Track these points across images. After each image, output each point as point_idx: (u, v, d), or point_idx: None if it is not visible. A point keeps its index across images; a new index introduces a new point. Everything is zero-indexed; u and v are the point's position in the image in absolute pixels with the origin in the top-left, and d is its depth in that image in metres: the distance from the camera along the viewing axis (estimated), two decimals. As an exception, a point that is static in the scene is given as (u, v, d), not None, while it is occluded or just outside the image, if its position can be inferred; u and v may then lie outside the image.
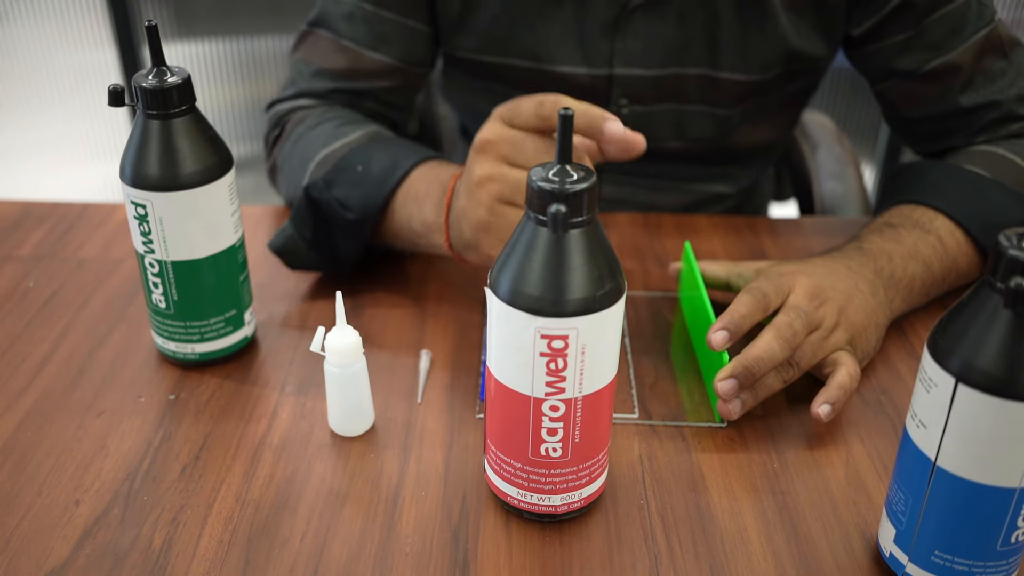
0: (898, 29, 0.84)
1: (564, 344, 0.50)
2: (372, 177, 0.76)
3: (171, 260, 0.67)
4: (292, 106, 0.92)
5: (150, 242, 0.66)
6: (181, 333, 0.70)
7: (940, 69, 0.84)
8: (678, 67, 0.89)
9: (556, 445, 0.54)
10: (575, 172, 0.49)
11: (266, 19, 2.17)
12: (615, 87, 0.91)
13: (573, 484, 0.56)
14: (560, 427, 0.53)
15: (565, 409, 0.53)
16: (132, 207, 0.65)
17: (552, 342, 0.50)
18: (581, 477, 0.56)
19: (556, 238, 0.49)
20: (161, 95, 0.63)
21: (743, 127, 0.95)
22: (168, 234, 0.66)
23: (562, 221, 0.48)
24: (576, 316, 0.49)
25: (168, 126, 0.64)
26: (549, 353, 0.51)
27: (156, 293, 0.68)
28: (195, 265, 0.67)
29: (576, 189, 0.48)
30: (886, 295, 0.73)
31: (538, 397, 0.52)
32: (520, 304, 0.50)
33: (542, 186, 0.49)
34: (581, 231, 0.49)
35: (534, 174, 0.49)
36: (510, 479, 0.56)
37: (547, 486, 0.56)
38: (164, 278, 0.67)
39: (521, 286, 0.50)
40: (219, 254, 0.68)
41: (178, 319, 0.69)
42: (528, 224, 0.50)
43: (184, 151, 0.64)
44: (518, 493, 0.57)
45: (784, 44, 0.87)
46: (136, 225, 0.66)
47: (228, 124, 2.30)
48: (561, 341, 0.50)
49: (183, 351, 0.70)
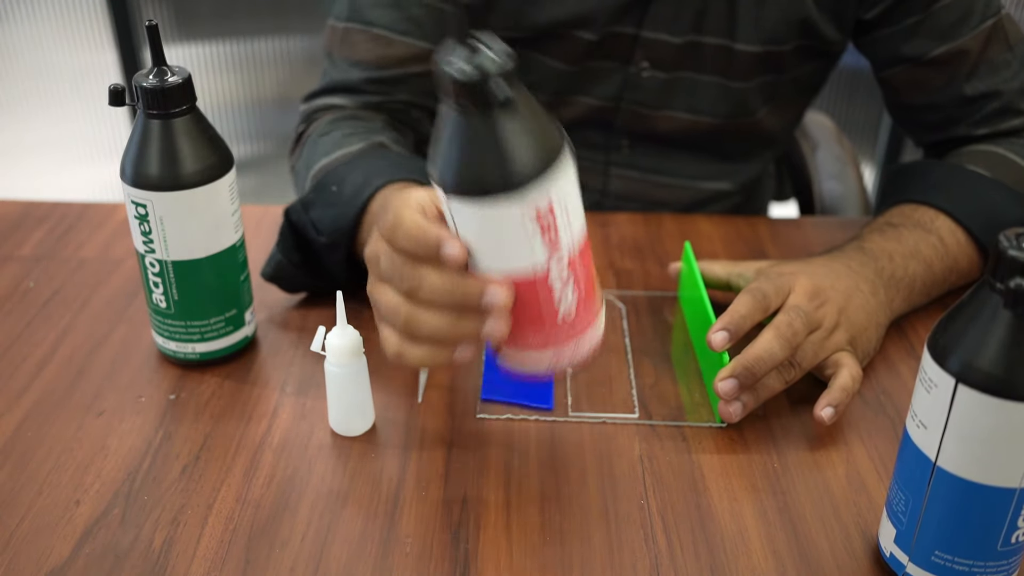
0: (907, 14, 0.85)
1: (549, 208, 0.49)
2: (343, 199, 0.74)
3: (171, 260, 0.66)
4: (322, 104, 0.91)
5: (150, 242, 0.66)
6: (181, 333, 0.70)
7: (946, 56, 0.84)
8: (696, 35, 0.89)
9: (570, 304, 0.52)
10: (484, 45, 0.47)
11: (266, 20, 2.17)
12: (638, 49, 0.90)
13: (589, 323, 0.54)
14: (570, 285, 0.52)
15: (569, 269, 0.51)
16: (132, 207, 0.65)
17: (540, 214, 0.48)
18: (594, 314, 0.55)
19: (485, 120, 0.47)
20: (162, 95, 0.63)
21: (753, 109, 0.95)
22: (168, 234, 0.65)
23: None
24: (546, 179, 0.48)
25: (169, 126, 0.64)
26: (542, 225, 0.49)
27: (156, 293, 0.68)
28: (195, 265, 0.67)
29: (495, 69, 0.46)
30: (887, 295, 0.73)
31: (544, 272, 0.51)
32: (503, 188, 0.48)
33: (452, 74, 0.46)
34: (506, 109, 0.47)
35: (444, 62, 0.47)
36: (531, 348, 0.54)
37: (571, 336, 0.54)
38: (164, 278, 0.67)
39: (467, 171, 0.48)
40: (219, 254, 0.68)
41: (178, 319, 0.69)
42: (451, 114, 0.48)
43: (184, 151, 0.64)
44: (546, 360, 0.54)
45: (800, 13, 0.87)
46: (136, 225, 0.66)
47: (228, 124, 2.30)
48: (547, 207, 0.48)
49: (183, 351, 0.70)
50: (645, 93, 0.93)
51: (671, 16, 0.87)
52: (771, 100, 0.95)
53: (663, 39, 0.89)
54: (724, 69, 0.91)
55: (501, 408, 0.68)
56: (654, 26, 0.88)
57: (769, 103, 0.95)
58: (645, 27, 0.88)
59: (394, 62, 0.89)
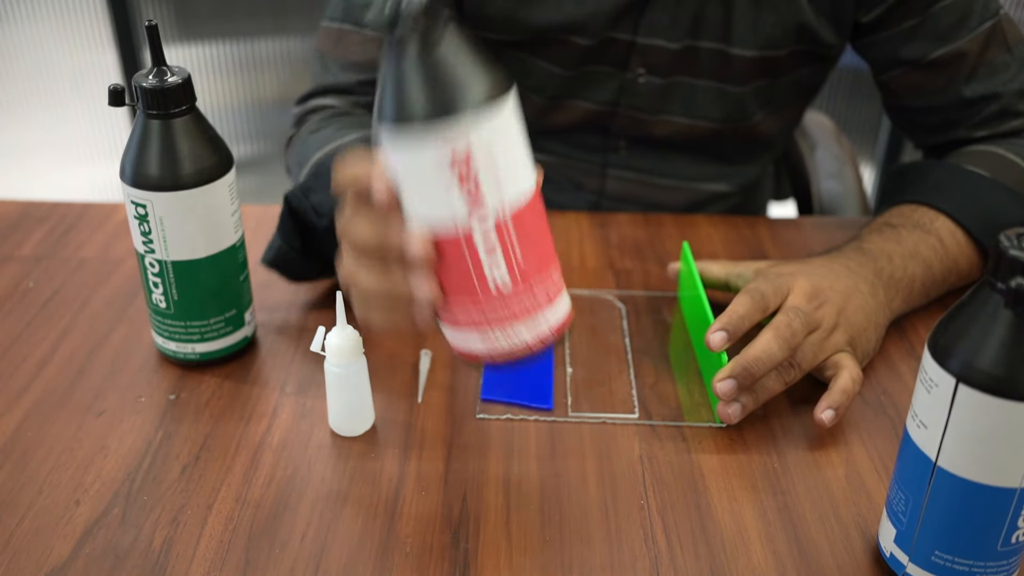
0: (905, 17, 0.85)
1: (467, 155, 0.47)
2: None
3: (171, 260, 0.66)
4: (314, 105, 0.91)
5: (150, 242, 0.66)
6: (181, 333, 0.70)
7: (945, 59, 0.84)
8: (692, 40, 0.89)
9: (503, 274, 0.49)
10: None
11: (266, 21, 2.17)
12: (634, 55, 0.90)
13: (533, 307, 0.51)
14: (498, 249, 0.49)
15: (496, 234, 0.49)
16: (132, 207, 0.65)
17: (455, 159, 0.47)
18: (539, 300, 0.51)
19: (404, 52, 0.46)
20: (161, 95, 0.63)
21: (750, 113, 0.95)
22: (168, 234, 0.65)
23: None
24: (465, 121, 0.46)
25: (168, 126, 0.64)
26: (460, 173, 0.47)
27: (156, 293, 0.68)
28: (195, 265, 0.67)
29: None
30: (886, 296, 0.73)
31: (466, 231, 0.48)
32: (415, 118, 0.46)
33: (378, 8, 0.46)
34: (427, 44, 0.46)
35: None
36: (468, 324, 0.51)
37: (508, 316, 0.51)
38: (164, 278, 0.67)
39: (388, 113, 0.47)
40: (219, 254, 0.68)
41: (178, 319, 0.69)
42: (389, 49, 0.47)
43: (184, 151, 0.64)
44: (484, 340, 0.51)
45: (797, 18, 0.87)
46: (136, 225, 0.66)
47: (228, 124, 2.31)
48: (463, 152, 0.46)
49: (183, 351, 0.70)
50: (642, 99, 0.93)
51: (667, 22, 0.87)
52: (769, 104, 0.95)
53: (659, 45, 0.89)
54: (721, 74, 0.91)
55: (501, 408, 0.68)
56: (650, 32, 0.88)
57: (767, 107, 0.95)
58: (640, 33, 0.88)
59: None
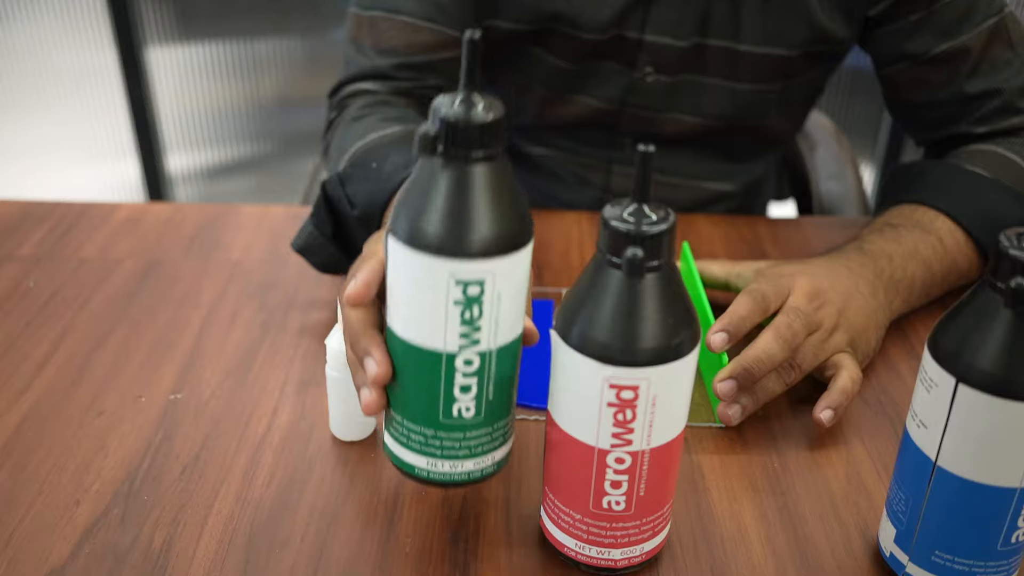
0: (910, 11, 0.85)
1: (634, 395, 0.47)
2: (382, 175, 0.74)
3: (496, 347, 0.49)
4: (354, 89, 0.91)
5: (476, 330, 0.48)
6: (484, 443, 0.51)
7: (948, 53, 0.84)
8: (701, 38, 0.89)
9: (620, 498, 0.51)
10: (653, 213, 0.46)
11: (267, 20, 2.17)
12: (642, 53, 0.90)
13: (635, 538, 0.53)
14: (625, 480, 0.50)
15: (631, 462, 0.49)
16: (457, 289, 0.46)
17: (621, 392, 0.47)
18: (644, 531, 0.53)
19: (630, 283, 0.46)
20: (489, 130, 0.45)
21: (764, 112, 0.95)
22: (502, 314, 0.48)
23: (638, 266, 0.45)
24: (648, 366, 0.46)
25: (489, 170, 0.46)
26: (617, 404, 0.47)
27: (464, 400, 0.49)
28: (514, 347, 0.50)
29: (654, 232, 0.45)
30: (886, 296, 0.73)
31: (603, 448, 0.49)
32: (589, 351, 0.47)
33: (617, 226, 0.45)
34: (656, 276, 0.46)
35: (608, 212, 0.46)
36: (568, 530, 0.53)
37: (607, 539, 0.52)
38: (483, 375, 0.49)
39: (591, 332, 0.46)
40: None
41: (484, 425, 0.51)
42: (601, 265, 0.47)
43: (509, 197, 0.47)
44: (576, 545, 0.53)
45: (808, 19, 0.87)
46: (458, 313, 0.47)
47: (228, 124, 2.30)
48: (631, 392, 0.47)
49: (480, 467, 0.52)
50: (649, 97, 0.93)
51: (674, 19, 0.87)
52: (785, 105, 0.95)
53: (667, 43, 0.89)
54: (730, 72, 0.91)
55: (501, 408, 0.68)
56: (657, 29, 0.88)
57: (782, 108, 0.95)
58: (648, 31, 0.88)
59: (422, 48, 0.89)
